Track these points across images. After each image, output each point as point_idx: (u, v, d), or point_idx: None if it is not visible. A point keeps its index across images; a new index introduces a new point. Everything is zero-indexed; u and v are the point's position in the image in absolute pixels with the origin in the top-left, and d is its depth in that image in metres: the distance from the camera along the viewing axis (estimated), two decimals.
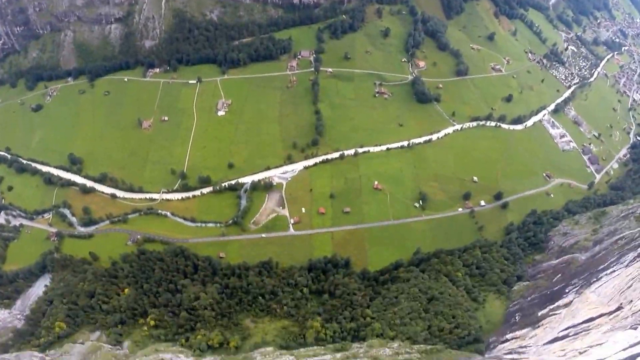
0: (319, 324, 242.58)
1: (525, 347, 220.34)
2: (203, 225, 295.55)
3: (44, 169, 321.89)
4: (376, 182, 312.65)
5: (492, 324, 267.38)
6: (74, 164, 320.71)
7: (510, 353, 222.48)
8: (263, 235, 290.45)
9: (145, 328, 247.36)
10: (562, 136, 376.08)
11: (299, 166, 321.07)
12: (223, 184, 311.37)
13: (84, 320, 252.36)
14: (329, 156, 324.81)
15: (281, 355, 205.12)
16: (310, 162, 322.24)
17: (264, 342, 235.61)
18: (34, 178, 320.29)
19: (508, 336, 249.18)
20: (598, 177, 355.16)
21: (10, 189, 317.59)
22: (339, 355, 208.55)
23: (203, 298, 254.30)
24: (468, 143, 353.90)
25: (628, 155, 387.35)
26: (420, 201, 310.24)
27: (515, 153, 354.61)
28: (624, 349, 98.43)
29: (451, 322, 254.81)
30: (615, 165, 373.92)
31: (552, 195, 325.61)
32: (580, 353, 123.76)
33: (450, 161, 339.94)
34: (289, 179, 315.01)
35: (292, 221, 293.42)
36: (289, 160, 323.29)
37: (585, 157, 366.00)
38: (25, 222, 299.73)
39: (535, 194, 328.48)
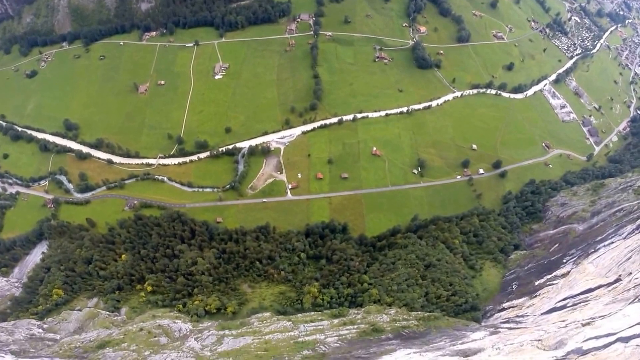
0: (316, 289, 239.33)
1: (522, 316, 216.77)
2: (200, 190, 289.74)
3: (40, 135, 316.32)
4: (374, 148, 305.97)
5: (488, 292, 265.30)
6: (70, 130, 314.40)
7: (507, 322, 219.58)
8: (264, 200, 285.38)
9: (143, 294, 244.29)
10: (562, 107, 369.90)
11: (296, 131, 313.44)
12: (220, 149, 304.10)
13: (81, 287, 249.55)
14: (327, 121, 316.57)
15: (278, 321, 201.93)
16: (308, 127, 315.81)
17: (262, 308, 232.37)
18: (29, 145, 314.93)
19: (505, 305, 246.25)
20: (597, 149, 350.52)
21: (5, 156, 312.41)
22: (336, 321, 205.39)
23: (200, 263, 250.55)
24: (468, 110, 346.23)
25: (628, 129, 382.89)
26: (419, 168, 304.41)
27: (515, 122, 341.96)
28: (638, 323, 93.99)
29: (448, 289, 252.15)
30: (615, 139, 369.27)
31: (550, 166, 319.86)
32: (584, 325, 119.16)
33: (449, 128, 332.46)
34: (287, 144, 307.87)
35: (289, 186, 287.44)
36: (287, 125, 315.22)
37: (585, 129, 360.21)
38: (21, 189, 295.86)
39: (533, 163, 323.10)
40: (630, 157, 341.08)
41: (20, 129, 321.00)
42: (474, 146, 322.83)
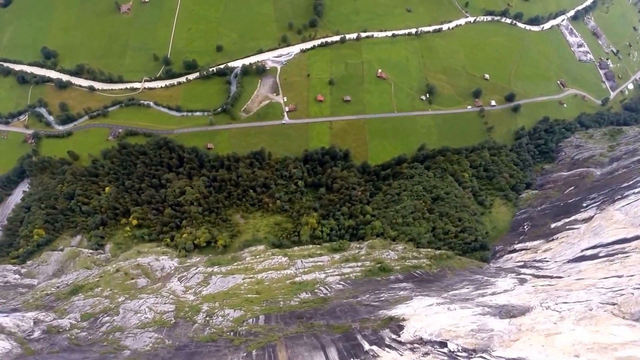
0: (315, 220, 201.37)
1: (540, 261, 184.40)
2: (189, 114, 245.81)
3: (17, 67, 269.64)
4: (380, 70, 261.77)
5: (497, 231, 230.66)
6: (48, 58, 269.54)
7: (524, 266, 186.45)
8: (264, 123, 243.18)
9: (128, 228, 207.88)
10: (579, 45, 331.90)
11: (295, 49, 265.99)
12: (211, 69, 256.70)
13: (63, 225, 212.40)
14: (329, 39, 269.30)
15: (273, 256, 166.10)
16: (308, 45, 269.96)
17: (255, 240, 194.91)
18: (7, 79, 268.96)
19: (517, 246, 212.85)
20: (612, 94, 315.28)
21: None
22: (337, 256, 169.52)
23: (189, 192, 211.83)
24: (480, 38, 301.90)
25: None
26: (427, 94, 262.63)
27: (529, 55, 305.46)
28: None
29: (457, 225, 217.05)
30: (631, 86, 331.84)
31: (565, 105, 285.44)
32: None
33: (460, 54, 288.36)
34: (284, 63, 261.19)
35: (286, 109, 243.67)
36: (284, 42, 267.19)
37: (602, 72, 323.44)
38: (0, 127, 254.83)
39: (547, 101, 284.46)
40: None
41: None
42: (487, 76, 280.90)
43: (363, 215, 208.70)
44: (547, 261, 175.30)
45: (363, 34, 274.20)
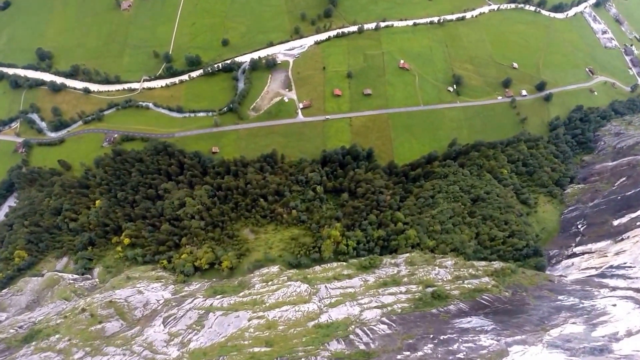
0: (338, 232, 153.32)
1: (621, 267, 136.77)
2: (192, 115, 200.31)
3: (11, 71, 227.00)
4: (402, 61, 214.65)
5: (546, 233, 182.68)
6: (43, 59, 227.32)
7: (604, 276, 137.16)
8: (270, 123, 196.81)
9: (119, 249, 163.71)
10: (604, 32, 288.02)
11: (308, 41, 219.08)
12: (216, 65, 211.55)
13: (48, 246, 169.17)
14: (345, 30, 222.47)
15: (289, 281, 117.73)
16: (322, 36, 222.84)
17: (267, 260, 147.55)
18: (0, 84, 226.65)
19: (576, 249, 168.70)
20: None
21: None
22: (371, 278, 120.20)
23: (189, 204, 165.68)
24: (505, 26, 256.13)
25: None
26: (454, 85, 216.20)
27: (556, 42, 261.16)
28: None
29: (504, 229, 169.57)
30: None
31: (595, 93, 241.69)
32: None
33: (486, 43, 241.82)
34: (297, 55, 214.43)
35: (300, 105, 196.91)
36: (297, 34, 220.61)
37: (627, 58, 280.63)
38: None
39: (577, 89, 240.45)
40: None
41: None
42: (515, 65, 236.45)
43: (394, 224, 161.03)
44: (631, 267, 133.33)
45: (382, 24, 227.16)
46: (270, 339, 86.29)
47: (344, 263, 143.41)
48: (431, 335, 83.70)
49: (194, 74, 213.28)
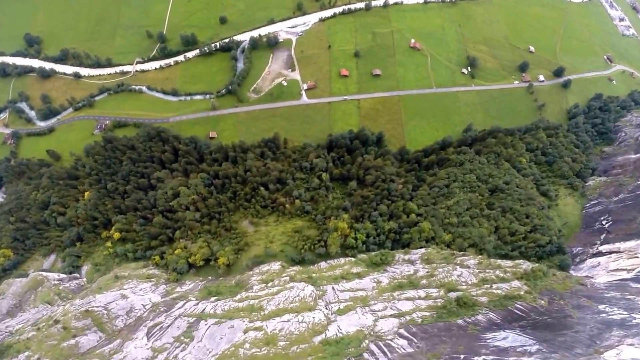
0: (346, 224, 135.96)
1: None
2: (188, 98, 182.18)
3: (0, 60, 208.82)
4: (413, 40, 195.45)
5: (568, 228, 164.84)
6: (31, 45, 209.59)
7: (638, 280, 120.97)
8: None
9: (109, 244, 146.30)
10: (621, 19, 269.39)
11: (312, 18, 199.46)
12: (213, 44, 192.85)
13: (35, 243, 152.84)
14: (352, 6, 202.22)
15: (291, 282, 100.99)
16: (327, 12, 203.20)
17: (268, 255, 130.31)
18: None
19: (602, 248, 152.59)
20: None
21: None
22: (384, 279, 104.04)
23: (184, 194, 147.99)
24: (521, 7, 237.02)
25: None
26: (469, 67, 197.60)
27: (573, 27, 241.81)
28: None
29: (525, 223, 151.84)
30: None
31: (614, 82, 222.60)
32: None
33: (501, 24, 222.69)
34: (300, 33, 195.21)
35: (304, 86, 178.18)
36: (300, 10, 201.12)
37: None
38: None
39: (596, 77, 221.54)
40: None
41: None
42: (531, 48, 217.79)
43: (407, 215, 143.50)
44: None
45: (391, 0, 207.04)
46: (269, 358, 69.74)
47: (353, 259, 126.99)
48: (462, 357, 67.00)
49: (190, 54, 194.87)
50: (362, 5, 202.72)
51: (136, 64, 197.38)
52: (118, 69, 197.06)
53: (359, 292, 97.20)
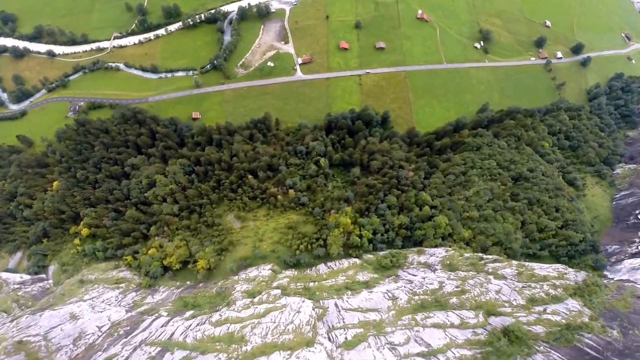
0: (350, 218, 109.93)
1: None
2: (169, 75, 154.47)
3: None
4: (420, 11, 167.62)
5: (599, 222, 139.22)
6: (6, 23, 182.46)
7: None
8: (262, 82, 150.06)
9: (77, 241, 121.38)
10: None
11: None
12: (197, 16, 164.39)
13: (0, 238, 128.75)
14: None
15: (283, 296, 75.65)
16: None
17: (257, 257, 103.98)
18: None
19: None
20: None
21: None
22: (402, 294, 79.46)
23: (160, 183, 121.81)
24: None
25: None
26: (481, 41, 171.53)
27: (589, 2, 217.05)
28: None
29: (555, 217, 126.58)
30: None
31: (633, 62, 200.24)
32: None
33: None
34: (295, 3, 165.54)
35: (299, 61, 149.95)
36: None
37: None
38: None
39: (615, 55, 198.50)
40: None
41: None
42: (548, 23, 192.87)
43: (419, 208, 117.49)
44: None
45: None
46: None
47: (357, 261, 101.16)
48: None
49: (172, 27, 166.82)
50: None
51: (114, 39, 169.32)
52: (94, 46, 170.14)
53: (371, 313, 71.26)
